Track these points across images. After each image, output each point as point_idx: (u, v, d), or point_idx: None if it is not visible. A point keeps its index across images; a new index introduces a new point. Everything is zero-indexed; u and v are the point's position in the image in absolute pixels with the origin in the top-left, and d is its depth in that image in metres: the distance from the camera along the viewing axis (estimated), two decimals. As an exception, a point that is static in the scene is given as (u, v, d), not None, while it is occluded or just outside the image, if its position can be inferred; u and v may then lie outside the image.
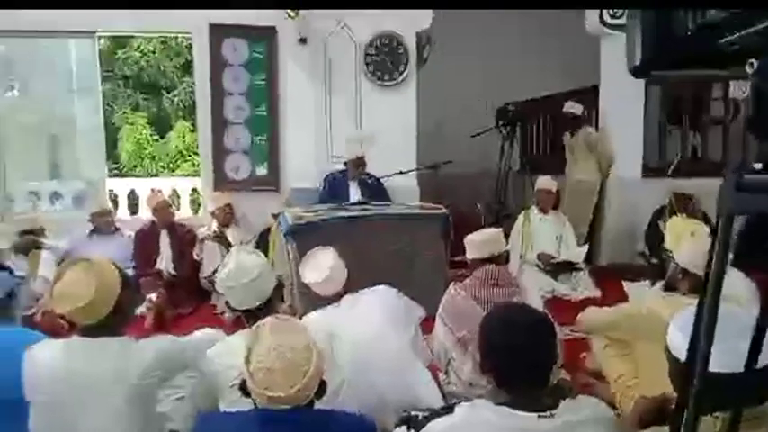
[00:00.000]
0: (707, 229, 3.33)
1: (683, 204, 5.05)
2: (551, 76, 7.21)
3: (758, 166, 0.92)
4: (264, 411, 1.56)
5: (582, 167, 5.97)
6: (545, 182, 5.43)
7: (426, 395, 2.46)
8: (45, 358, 1.91)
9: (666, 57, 1.04)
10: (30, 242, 4.57)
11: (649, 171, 6.20)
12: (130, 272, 3.54)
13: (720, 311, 0.95)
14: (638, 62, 1.04)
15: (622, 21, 1.18)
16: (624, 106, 6.04)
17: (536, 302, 2.65)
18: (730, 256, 0.97)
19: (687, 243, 2.73)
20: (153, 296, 4.43)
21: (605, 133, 6.00)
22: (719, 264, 0.93)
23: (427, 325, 2.88)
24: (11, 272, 2.47)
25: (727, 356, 1.16)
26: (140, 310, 4.21)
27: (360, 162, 5.23)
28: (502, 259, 2.91)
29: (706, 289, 0.98)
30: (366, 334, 2.47)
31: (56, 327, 3.19)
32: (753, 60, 0.91)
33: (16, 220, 5.05)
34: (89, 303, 1.88)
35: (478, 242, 2.93)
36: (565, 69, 7.05)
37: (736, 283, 2.65)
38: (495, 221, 5.59)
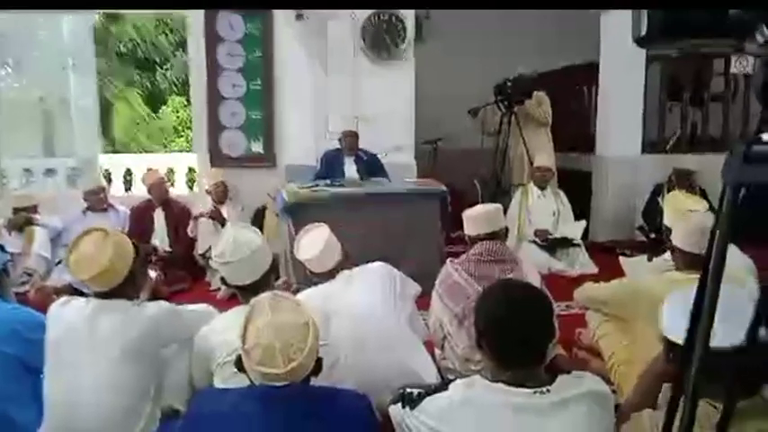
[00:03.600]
0: (706, 205, 3.32)
1: (683, 180, 5.05)
2: (551, 51, 7.12)
3: (766, 137, 0.89)
4: (260, 388, 1.56)
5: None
6: (543, 159, 5.40)
7: (422, 372, 2.45)
8: (61, 313, 2.08)
9: (672, 26, 1.00)
10: (24, 219, 4.55)
11: (649, 147, 6.18)
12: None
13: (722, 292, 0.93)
14: (643, 32, 1.00)
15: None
16: (624, 82, 6.00)
17: (534, 279, 2.64)
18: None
19: (679, 221, 2.72)
20: (150, 273, 4.42)
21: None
22: (723, 236, 0.91)
23: (423, 301, 2.88)
24: (3, 249, 2.44)
25: (728, 337, 1.15)
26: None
27: (350, 135, 5.16)
28: (501, 235, 2.86)
29: (707, 265, 0.96)
30: (362, 311, 2.46)
31: (49, 303, 3.17)
32: (764, 26, 0.87)
33: (9, 197, 5.01)
34: (105, 270, 2.02)
35: (478, 218, 2.86)
36: (564, 45, 6.97)
37: (735, 260, 2.64)
38: (492, 198, 5.57)
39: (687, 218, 2.74)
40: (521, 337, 1.54)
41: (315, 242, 2.60)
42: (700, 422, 1.05)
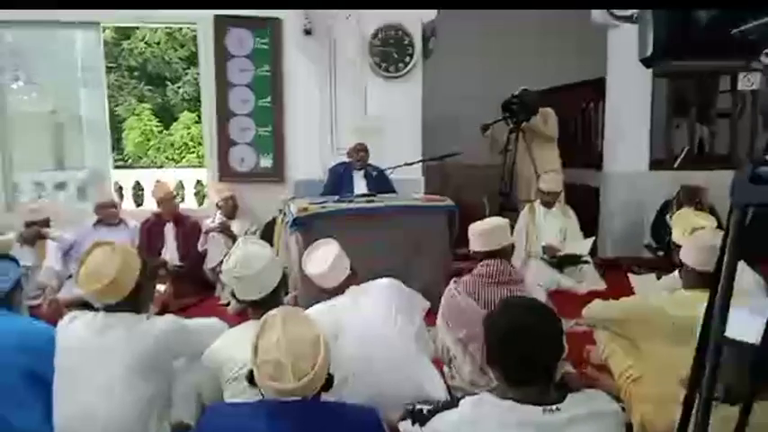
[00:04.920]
0: (714, 222, 3.32)
1: (691, 197, 5.03)
2: (558, 67, 7.16)
3: (771, 157, 0.90)
4: (271, 402, 1.56)
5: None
6: (550, 184, 5.27)
7: (431, 389, 2.45)
8: (71, 327, 2.11)
9: (679, 46, 1.03)
10: (35, 233, 4.58)
11: (656, 163, 6.17)
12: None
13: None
14: (649, 52, 1.02)
15: (630, 12, 1.16)
16: (631, 98, 6.01)
17: (539, 297, 2.63)
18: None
19: (688, 239, 2.71)
20: (158, 287, 4.44)
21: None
22: (732, 256, 0.92)
23: (431, 317, 2.88)
24: (17, 262, 2.47)
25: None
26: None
27: (360, 148, 5.18)
28: (507, 252, 2.81)
29: (717, 282, 0.97)
30: (370, 327, 2.46)
31: (61, 317, 3.20)
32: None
33: (22, 211, 5.05)
34: (112, 282, 2.05)
35: (483, 234, 2.80)
36: (571, 61, 7.01)
37: (744, 276, 2.64)
38: (499, 214, 5.57)
39: (696, 236, 2.73)
40: (527, 354, 1.55)
41: (323, 258, 2.61)
42: (715, 425, 1.05)
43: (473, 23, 7.43)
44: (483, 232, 2.82)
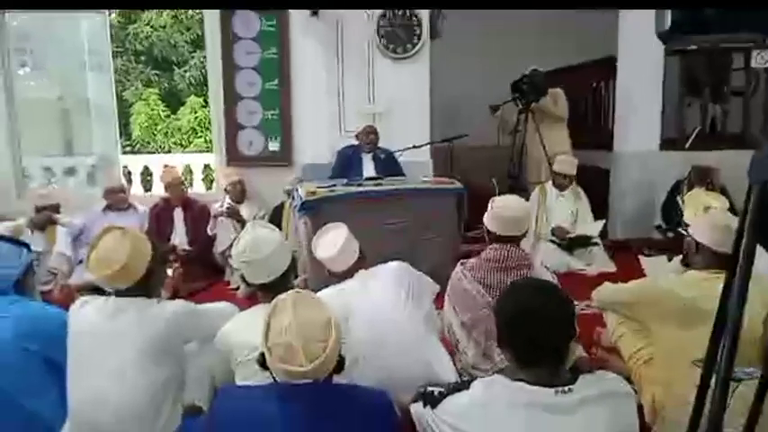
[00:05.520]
0: (726, 203, 3.28)
1: (703, 177, 4.97)
2: (568, 47, 7.07)
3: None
4: (283, 385, 1.57)
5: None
6: (565, 164, 5.26)
7: (441, 371, 2.45)
8: (82, 312, 2.11)
9: (696, 21, 1.00)
10: (46, 218, 4.60)
11: (668, 143, 6.10)
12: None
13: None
14: (667, 26, 0.99)
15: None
16: (642, 77, 5.93)
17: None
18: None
19: (702, 217, 2.68)
20: (168, 272, 4.46)
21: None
22: (750, 235, 0.90)
23: (440, 300, 2.87)
24: (29, 248, 2.48)
25: None
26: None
27: (371, 131, 5.14)
28: (520, 238, 2.75)
29: (735, 263, 0.95)
30: (380, 310, 2.46)
31: (72, 302, 3.23)
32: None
33: (31, 197, 5.08)
34: (123, 267, 2.04)
35: (509, 220, 2.67)
36: (582, 40, 6.92)
37: (760, 261, 2.60)
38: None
39: (711, 215, 2.69)
40: (535, 335, 1.54)
41: (333, 242, 2.61)
42: (732, 407, 1.04)
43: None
44: (509, 220, 2.67)
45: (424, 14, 5.77)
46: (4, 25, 5.75)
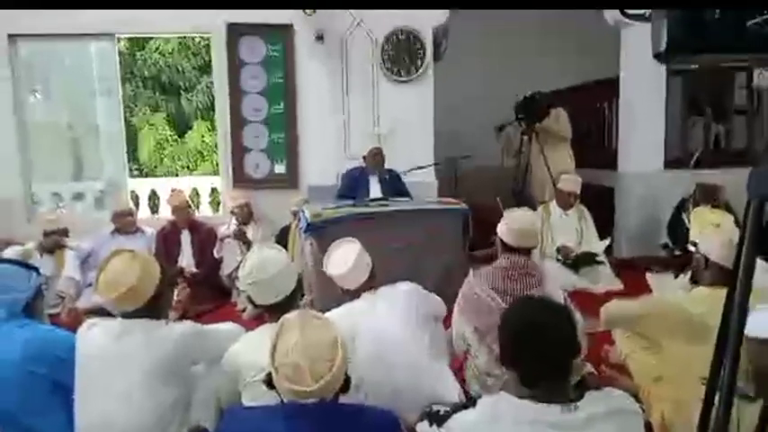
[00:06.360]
0: (732, 220, 3.28)
1: (707, 195, 4.97)
2: (570, 67, 7.13)
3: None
4: (290, 405, 1.57)
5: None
6: (569, 182, 5.28)
7: (446, 392, 2.44)
8: (90, 334, 2.12)
9: (693, 40, 1.02)
10: (54, 242, 4.65)
11: (672, 162, 6.11)
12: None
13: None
14: (663, 47, 1.02)
15: (643, 11, 1.15)
16: (645, 97, 5.97)
17: (557, 294, 2.62)
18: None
19: (711, 233, 2.68)
20: (175, 294, 4.47)
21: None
22: (750, 250, 0.91)
23: (447, 321, 2.87)
24: (38, 271, 2.50)
25: None
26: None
27: (377, 153, 5.19)
28: (531, 250, 2.80)
29: (736, 278, 0.96)
30: (386, 330, 2.46)
31: (80, 325, 3.25)
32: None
33: (40, 221, 5.13)
34: (132, 289, 2.06)
35: (524, 234, 2.73)
36: (584, 61, 6.98)
37: (763, 275, 2.60)
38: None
39: (720, 231, 2.69)
40: (542, 352, 1.55)
41: (345, 258, 2.60)
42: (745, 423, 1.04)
43: (485, 24, 7.42)
44: (525, 233, 2.73)
45: (428, 38, 5.85)
46: (15, 54, 5.86)
